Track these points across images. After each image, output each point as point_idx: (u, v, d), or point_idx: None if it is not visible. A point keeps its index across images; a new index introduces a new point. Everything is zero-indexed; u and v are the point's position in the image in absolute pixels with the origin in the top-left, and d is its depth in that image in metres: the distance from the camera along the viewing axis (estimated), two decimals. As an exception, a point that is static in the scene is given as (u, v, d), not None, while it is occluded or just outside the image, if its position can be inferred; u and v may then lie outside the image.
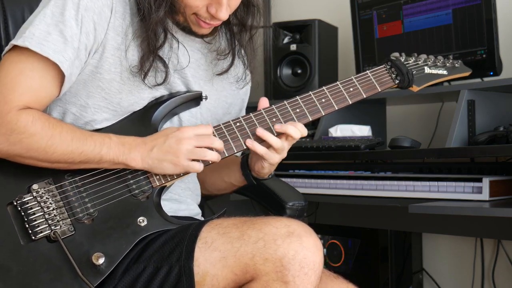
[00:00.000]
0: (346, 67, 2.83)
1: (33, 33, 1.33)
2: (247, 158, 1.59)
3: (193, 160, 1.39)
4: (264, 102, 1.50)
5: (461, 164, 2.21)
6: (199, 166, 1.39)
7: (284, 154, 1.50)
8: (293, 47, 2.66)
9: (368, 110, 2.54)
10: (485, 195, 1.88)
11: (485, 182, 1.89)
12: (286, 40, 2.70)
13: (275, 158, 1.48)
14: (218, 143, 1.41)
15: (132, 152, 1.36)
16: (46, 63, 1.33)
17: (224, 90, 1.60)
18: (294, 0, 3.06)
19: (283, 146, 1.46)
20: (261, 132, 1.44)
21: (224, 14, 1.40)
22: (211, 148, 1.40)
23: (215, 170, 1.62)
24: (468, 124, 2.10)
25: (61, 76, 1.36)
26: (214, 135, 1.43)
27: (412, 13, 2.38)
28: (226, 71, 1.56)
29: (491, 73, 2.20)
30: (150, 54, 1.41)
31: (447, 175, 2.05)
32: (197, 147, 1.38)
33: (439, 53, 2.29)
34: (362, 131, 2.39)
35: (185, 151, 1.37)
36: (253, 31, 1.56)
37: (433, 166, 2.17)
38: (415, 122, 2.71)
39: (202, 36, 1.51)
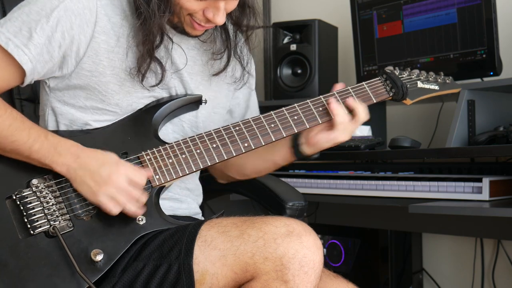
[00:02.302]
0: (346, 67, 2.83)
1: (8, 29, 1.35)
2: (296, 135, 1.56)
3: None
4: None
5: (461, 164, 2.21)
6: (113, 210, 1.34)
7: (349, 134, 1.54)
8: (293, 47, 2.66)
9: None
10: (485, 195, 1.89)
11: (485, 182, 1.89)
12: (286, 40, 2.70)
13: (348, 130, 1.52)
14: (144, 198, 1.37)
15: (61, 158, 1.34)
16: (8, 54, 1.35)
17: (222, 89, 1.60)
18: (294, 0, 3.06)
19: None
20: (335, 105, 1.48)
21: (221, 19, 1.40)
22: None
23: (256, 152, 1.56)
24: (468, 124, 2.10)
25: (23, 69, 1.37)
26: (148, 183, 1.39)
27: (412, 13, 2.38)
28: (222, 70, 1.56)
29: (491, 73, 2.20)
30: (148, 56, 1.41)
31: (447, 175, 2.05)
32: (122, 194, 1.33)
33: (439, 53, 2.30)
34: (362, 131, 2.39)
35: (107, 193, 1.33)
36: (249, 32, 1.56)
37: (433, 166, 2.17)
38: (415, 122, 2.71)
39: (195, 37, 1.51)
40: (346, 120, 1.50)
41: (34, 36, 1.35)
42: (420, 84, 1.64)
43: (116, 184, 1.33)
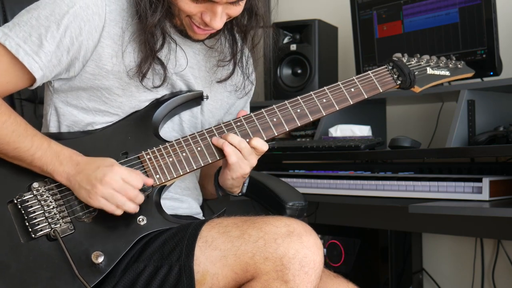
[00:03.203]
0: (346, 67, 2.83)
1: (17, 34, 1.35)
2: (219, 170, 1.54)
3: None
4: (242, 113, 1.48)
5: (461, 164, 2.21)
6: (116, 212, 1.33)
7: (248, 167, 1.45)
8: (293, 47, 2.66)
9: (368, 110, 2.54)
10: (485, 195, 1.88)
11: (485, 182, 1.89)
12: (286, 40, 2.70)
13: (241, 166, 1.43)
14: (140, 199, 1.35)
15: (62, 166, 1.34)
16: (17, 59, 1.35)
17: (223, 94, 1.60)
18: (294, 0, 3.06)
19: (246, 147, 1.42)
20: (216, 140, 1.42)
21: (218, 23, 1.39)
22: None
23: (210, 177, 1.60)
24: (468, 124, 2.10)
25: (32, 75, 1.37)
26: (143, 190, 1.37)
27: (412, 13, 2.38)
28: (227, 79, 1.55)
29: (491, 73, 2.20)
30: (149, 56, 1.41)
31: (447, 175, 2.05)
32: (118, 193, 1.32)
33: (439, 53, 2.29)
34: (362, 131, 2.39)
35: (102, 193, 1.32)
36: (255, 40, 1.55)
37: (433, 166, 2.17)
38: (415, 122, 2.71)
39: (198, 41, 1.50)
40: (239, 156, 1.42)
41: (44, 44, 1.35)
42: (429, 71, 1.61)
43: (111, 185, 1.32)
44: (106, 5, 1.40)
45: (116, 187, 1.32)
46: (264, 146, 1.44)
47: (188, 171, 1.42)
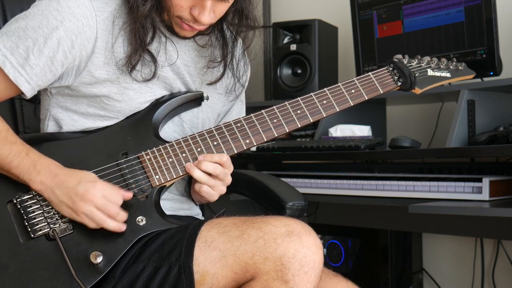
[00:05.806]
0: (346, 67, 2.83)
1: (4, 44, 1.34)
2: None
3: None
4: None
5: (461, 164, 2.21)
6: (91, 226, 1.33)
7: (225, 187, 1.44)
8: (293, 47, 2.66)
9: (368, 110, 2.54)
10: (485, 195, 1.89)
11: (485, 182, 1.89)
12: (286, 40, 2.70)
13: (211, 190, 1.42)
14: (123, 215, 1.35)
15: (39, 176, 1.33)
16: (3, 71, 1.34)
17: (215, 96, 1.59)
18: (294, 0, 3.06)
19: (222, 172, 1.41)
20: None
21: (206, 18, 1.38)
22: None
23: None
24: (468, 124, 2.10)
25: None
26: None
27: (412, 13, 2.38)
28: (217, 81, 1.54)
29: (491, 73, 2.20)
30: (139, 48, 1.40)
31: (447, 175, 2.05)
32: (99, 210, 1.32)
33: (439, 53, 2.30)
34: (362, 131, 2.39)
35: (83, 210, 1.31)
36: (246, 43, 1.55)
37: (433, 166, 2.18)
38: (415, 122, 2.71)
39: (185, 38, 1.49)
40: (213, 184, 1.42)
41: (30, 57, 1.34)
42: (430, 72, 1.61)
43: (92, 201, 1.31)
44: (96, 15, 1.38)
45: (97, 204, 1.31)
46: (223, 157, 1.41)
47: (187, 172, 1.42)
